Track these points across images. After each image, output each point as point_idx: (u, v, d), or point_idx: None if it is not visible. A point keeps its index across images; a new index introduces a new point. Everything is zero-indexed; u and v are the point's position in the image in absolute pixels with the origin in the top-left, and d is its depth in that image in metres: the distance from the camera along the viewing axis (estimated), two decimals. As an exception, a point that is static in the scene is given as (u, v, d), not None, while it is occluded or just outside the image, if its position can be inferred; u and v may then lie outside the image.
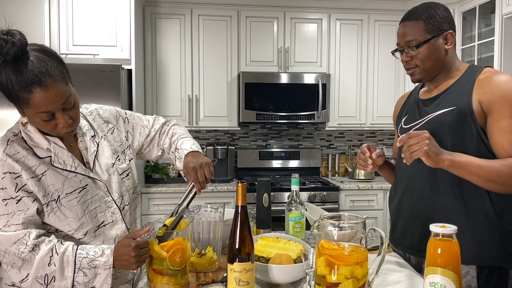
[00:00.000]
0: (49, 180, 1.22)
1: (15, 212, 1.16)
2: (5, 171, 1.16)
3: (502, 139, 1.28)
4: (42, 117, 1.15)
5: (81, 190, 1.26)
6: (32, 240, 1.15)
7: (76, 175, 1.26)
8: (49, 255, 1.15)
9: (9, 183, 1.16)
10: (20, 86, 1.10)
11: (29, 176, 1.18)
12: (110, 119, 1.47)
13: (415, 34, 1.38)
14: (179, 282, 1.21)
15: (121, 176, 1.39)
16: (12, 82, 1.10)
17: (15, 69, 1.09)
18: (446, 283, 0.91)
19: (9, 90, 1.11)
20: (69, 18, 3.02)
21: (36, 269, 1.15)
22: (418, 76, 1.43)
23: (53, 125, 1.18)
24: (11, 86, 1.10)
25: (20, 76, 1.09)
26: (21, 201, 1.17)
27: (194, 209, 1.38)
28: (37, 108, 1.12)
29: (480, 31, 3.28)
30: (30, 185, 1.18)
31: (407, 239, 1.47)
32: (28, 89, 1.10)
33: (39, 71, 1.10)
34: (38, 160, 1.21)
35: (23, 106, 1.14)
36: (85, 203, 1.27)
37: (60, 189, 1.23)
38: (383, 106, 3.76)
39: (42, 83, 1.10)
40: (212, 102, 3.61)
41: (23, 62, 1.10)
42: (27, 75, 1.09)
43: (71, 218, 1.24)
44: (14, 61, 1.10)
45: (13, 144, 1.20)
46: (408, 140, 1.26)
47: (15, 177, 1.17)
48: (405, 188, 1.47)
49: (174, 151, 1.52)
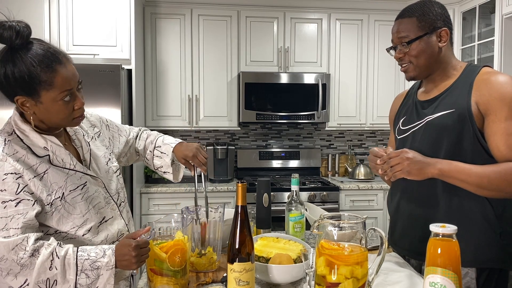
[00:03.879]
0: (52, 178, 1.21)
1: (14, 216, 1.12)
2: (6, 172, 1.13)
3: (498, 141, 1.26)
4: (64, 97, 1.16)
5: (82, 187, 1.27)
6: (31, 245, 1.12)
7: (75, 172, 1.27)
8: (49, 259, 1.13)
9: (10, 184, 1.13)
10: (41, 67, 1.12)
11: (31, 176, 1.16)
12: (96, 123, 1.50)
13: (408, 31, 1.38)
14: (179, 282, 1.21)
15: (115, 173, 1.43)
16: (34, 64, 1.11)
17: (34, 51, 1.13)
18: (446, 283, 0.91)
19: (31, 75, 1.12)
20: (69, 18, 3.02)
21: (38, 274, 1.12)
22: (411, 73, 1.42)
23: (71, 108, 1.20)
24: (33, 69, 1.11)
25: (40, 57, 1.12)
26: (20, 203, 1.14)
27: (194, 209, 1.38)
28: (61, 86, 1.15)
29: (480, 31, 3.28)
30: (32, 186, 1.16)
31: (406, 242, 1.46)
32: (51, 68, 1.13)
33: (53, 50, 1.16)
34: (38, 159, 1.20)
35: (45, 90, 1.14)
36: (88, 199, 1.28)
37: (63, 186, 1.22)
38: (383, 106, 3.76)
39: (61, 61, 1.16)
40: (212, 102, 3.61)
41: (36, 45, 1.15)
42: (46, 55, 1.13)
43: (75, 215, 1.24)
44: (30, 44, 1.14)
45: (11, 144, 1.18)
46: (389, 161, 1.31)
47: (17, 178, 1.14)
48: (403, 190, 1.46)
49: (153, 150, 1.62)
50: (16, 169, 1.14)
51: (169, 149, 1.62)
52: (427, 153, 1.38)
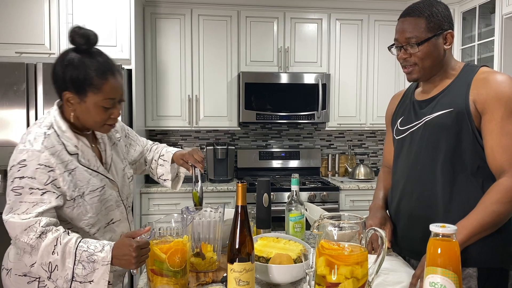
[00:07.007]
0: (78, 176, 1.30)
1: (38, 203, 1.21)
2: (40, 163, 1.22)
3: (493, 141, 1.26)
4: (106, 104, 1.29)
5: (101, 189, 1.36)
6: (41, 228, 1.19)
7: (97, 174, 1.36)
8: (53, 243, 1.19)
9: (41, 175, 1.22)
10: (97, 72, 1.27)
11: (62, 171, 1.26)
12: (118, 130, 1.60)
13: (416, 31, 1.33)
14: (179, 282, 1.21)
15: (128, 179, 1.53)
16: (91, 69, 1.26)
17: (94, 59, 1.28)
18: (446, 283, 0.91)
19: (85, 77, 1.26)
20: (69, 18, 3.01)
21: (41, 256, 1.19)
22: (416, 75, 1.39)
23: (108, 115, 1.32)
24: (89, 73, 1.26)
25: (98, 64, 1.28)
26: (46, 194, 1.22)
27: (194, 209, 1.38)
28: (106, 94, 1.28)
29: (480, 31, 3.28)
30: (61, 180, 1.25)
31: (406, 242, 1.46)
32: (104, 76, 1.28)
33: (110, 62, 1.32)
34: (70, 156, 1.30)
35: (92, 92, 1.27)
36: (103, 201, 1.37)
37: (85, 186, 1.32)
38: (383, 106, 3.75)
39: (114, 73, 1.31)
40: (212, 102, 3.61)
41: (98, 54, 1.31)
42: (103, 64, 1.29)
43: (90, 214, 1.33)
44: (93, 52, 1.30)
45: (49, 138, 1.27)
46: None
47: (49, 170, 1.23)
48: (403, 190, 1.45)
49: (157, 159, 1.74)
50: (50, 162, 1.24)
51: (169, 155, 1.72)
52: (426, 154, 1.38)
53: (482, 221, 1.22)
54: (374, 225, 1.43)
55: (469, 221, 1.23)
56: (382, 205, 1.58)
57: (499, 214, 1.22)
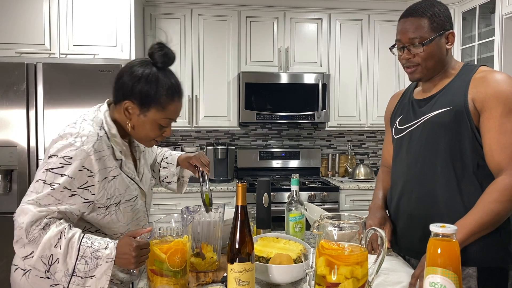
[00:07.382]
0: (117, 184, 1.30)
1: (62, 202, 1.20)
2: (84, 165, 1.21)
3: (491, 139, 1.26)
4: (165, 122, 1.32)
5: (135, 199, 1.37)
6: (46, 219, 1.18)
7: (134, 183, 1.37)
8: (57, 237, 1.17)
9: (81, 177, 1.21)
10: (167, 92, 1.29)
11: (101, 179, 1.24)
12: None
13: (420, 32, 1.33)
14: (179, 282, 1.21)
15: (151, 189, 1.54)
16: (163, 87, 1.28)
17: (168, 78, 1.30)
18: (446, 283, 0.91)
19: (155, 94, 1.27)
20: (69, 18, 3.01)
21: (42, 248, 1.17)
22: (418, 75, 1.39)
23: (161, 133, 1.34)
24: (160, 90, 1.27)
25: (169, 85, 1.30)
26: (74, 197, 1.21)
27: (194, 209, 1.38)
28: (168, 114, 1.31)
29: (480, 31, 3.28)
30: (97, 188, 1.24)
31: (406, 242, 1.46)
32: (172, 97, 1.30)
33: (180, 85, 1.35)
34: (115, 162, 1.30)
35: (156, 109, 1.28)
36: (135, 211, 1.38)
37: (122, 195, 1.32)
38: (383, 106, 3.75)
39: (180, 96, 1.35)
40: (212, 102, 3.61)
41: (171, 75, 1.33)
42: (174, 85, 1.32)
43: (121, 223, 1.34)
44: (167, 71, 1.32)
45: (101, 140, 1.26)
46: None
47: (89, 175, 1.22)
48: (402, 190, 1.45)
49: (161, 162, 1.74)
50: (93, 167, 1.22)
51: (174, 158, 1.73)
52: (425, 153, 1.38)
53: (481, 220, 1.22)
54: (373, 225, 1.43)
55: (468, 220, 1.23)
56: (382, 205, 1.58)
57: (498, 213, 1.22)
